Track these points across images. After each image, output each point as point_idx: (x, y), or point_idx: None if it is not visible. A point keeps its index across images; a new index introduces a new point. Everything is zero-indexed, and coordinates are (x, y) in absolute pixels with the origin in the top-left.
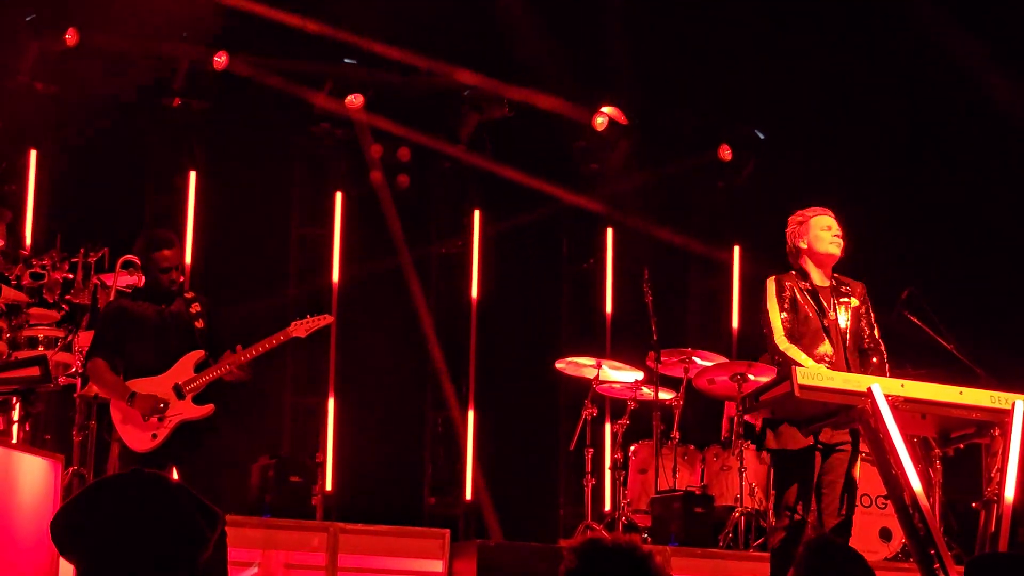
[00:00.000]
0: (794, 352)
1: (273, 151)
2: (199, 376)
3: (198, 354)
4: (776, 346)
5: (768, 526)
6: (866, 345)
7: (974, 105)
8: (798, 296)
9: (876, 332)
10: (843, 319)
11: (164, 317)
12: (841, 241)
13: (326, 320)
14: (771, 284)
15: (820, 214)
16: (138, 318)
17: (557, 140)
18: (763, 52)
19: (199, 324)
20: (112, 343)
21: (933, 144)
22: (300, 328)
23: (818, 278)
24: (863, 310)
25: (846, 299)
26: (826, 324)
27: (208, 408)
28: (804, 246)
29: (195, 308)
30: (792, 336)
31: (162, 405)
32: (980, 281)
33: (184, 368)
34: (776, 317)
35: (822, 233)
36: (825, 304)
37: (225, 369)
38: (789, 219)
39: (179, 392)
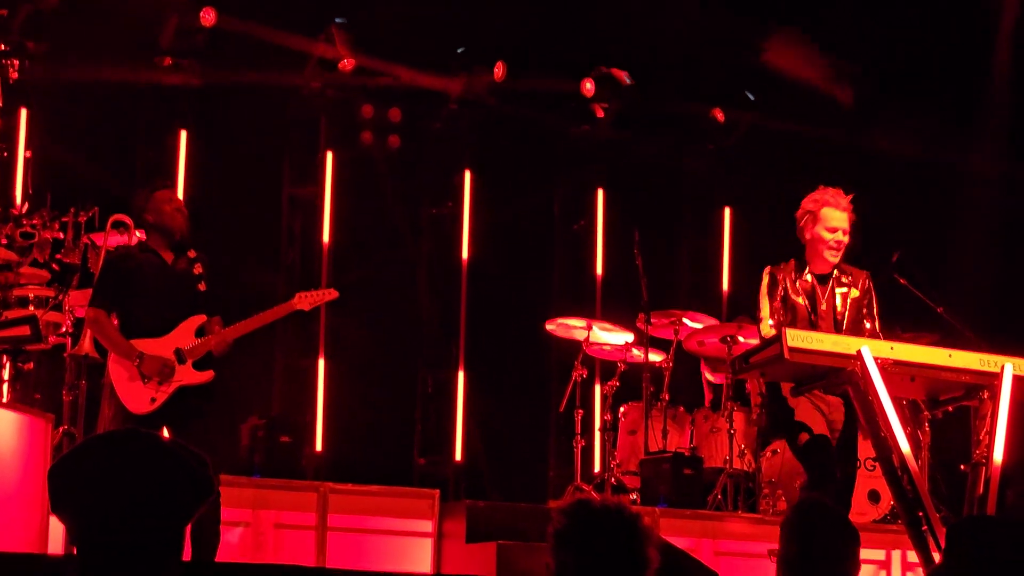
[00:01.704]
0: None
1: (264, 111)
2: (201, 342)
3: (200, 319)
4: (760, 334)
5: (756, 488)
6: (867, 336)
7: (972, 64)
8: (789, 289)
9: (876, 325)
10: (838, 309)
11: (168, 275)
12: (841, 247)
13: (330, 295)
14: (765, 276)
15: (832, 206)
16: (143, 271)
17: (548, 101)
18: (753, 14)
19: (202, 287)
20: (114, 295)
21: (924, 106)
22: (304, 301)
23: (818, 267)
24: (864, 302)
25: (844, 290)
26: (814, 317)
27: (208, 374)
28: (807, 237)
29: (198, 269)
30: (779, 327)
31: (169, 368)
32: (971, 244)
33: (186, 332)
34: (765, 308)
35: (826, 235)
36: (819, 295)
37: (227, 338)
38: (805, 198)
39: (180, 357)
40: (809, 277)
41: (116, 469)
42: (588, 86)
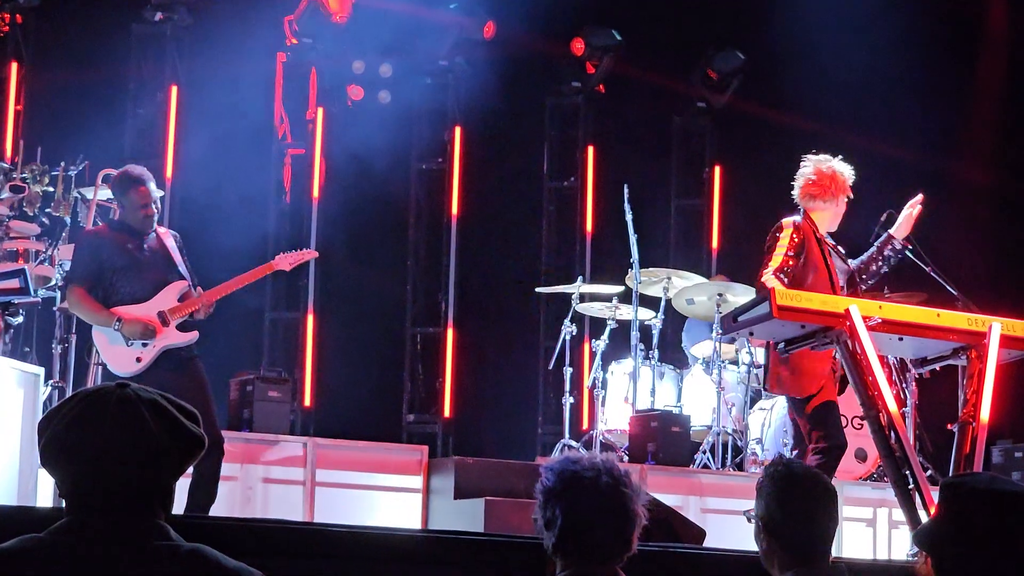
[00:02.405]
0: (774, 283)
1: (255, 66)
2: (183, 305)
3: (182, 284)
4: (759, 279)
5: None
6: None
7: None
8: (812, 248)
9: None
10: (840, 265)
11: (143, 250)
12: None
13: (310, 255)
14: (789, 229)
15: (848, 180)
16: (118, 249)
17: (540, 57)
18: None
19: (176, 257)
20: (92, 272)
21: (915, 66)
22: (284, 261)
23: (825, 228)
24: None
25: (840, 251)
26: (832, 276)
27: (192, 335)
28: (835, 204)
29: (171, 243)
30: (783, 275)
31: (149, 329)
32: (960, 205)
33: (168, 297)
34: (779, 259)
35: (841, 210)
36: (827, 254)
37: (209, 299)
38: (832, 168)
39: (163, 319)
40: (819, 236)
41: (105, 423)
42: (578, 45)
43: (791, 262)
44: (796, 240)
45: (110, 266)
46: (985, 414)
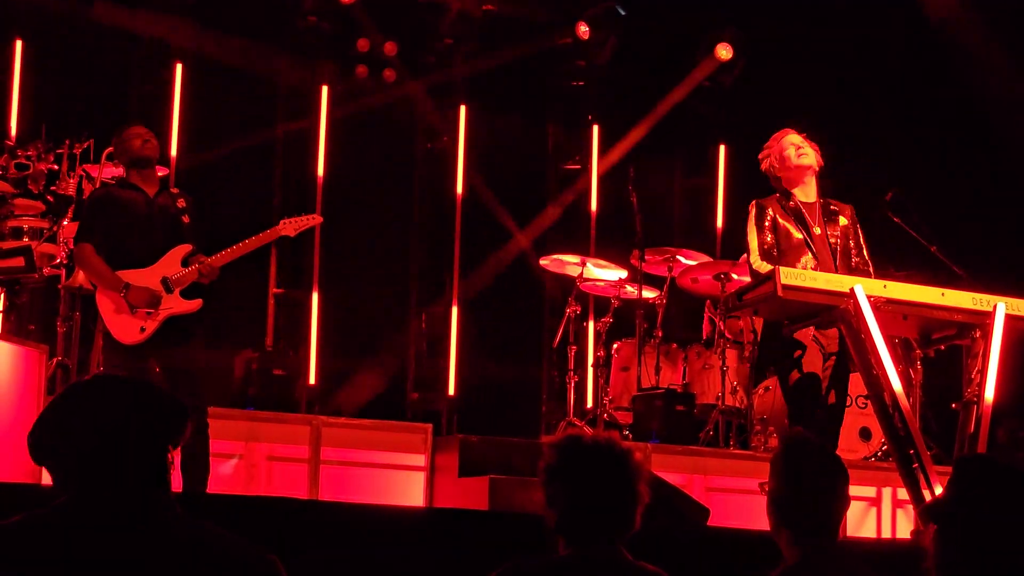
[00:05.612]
0: (767, 269)
1: (260, 44)
2: (187, 271)
3: (185, 248)
4: (751, 267)
5: (750, 425)
6: (854, 264)
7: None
8: (779, 217)
9: (865, 252)
10: (831, 234)
11: (151, 208)
12: (812, 152)
13: (315, 220)
14: (752, 209)
15: (786, 134)
16: (126, 205)
17: (542, 35)
18: None
19: (185, 219)
20: (99, 230)
21: (920, 44)
22: (289, 227)
23: (803, 195)
24: (852, 231)
25: (835, 218)
26: (810, 239)
27: (196, 303)
28: (778, 169)
29: (181, 203)
30: (769, 256)
31: (156, 298)
32: (964, 183)
33: (172, 262)
34: (754, 239)
35: (790, 150)
36: (810, 220)
37: (213, 265)
38: (762, 152)
39: (167, 286)
40: (796, 204)
41: (86, 419)
42: (583, 28)
43: (768, 239)
44: (759, 218)
45: (115, 222)
46: (990, 394)
